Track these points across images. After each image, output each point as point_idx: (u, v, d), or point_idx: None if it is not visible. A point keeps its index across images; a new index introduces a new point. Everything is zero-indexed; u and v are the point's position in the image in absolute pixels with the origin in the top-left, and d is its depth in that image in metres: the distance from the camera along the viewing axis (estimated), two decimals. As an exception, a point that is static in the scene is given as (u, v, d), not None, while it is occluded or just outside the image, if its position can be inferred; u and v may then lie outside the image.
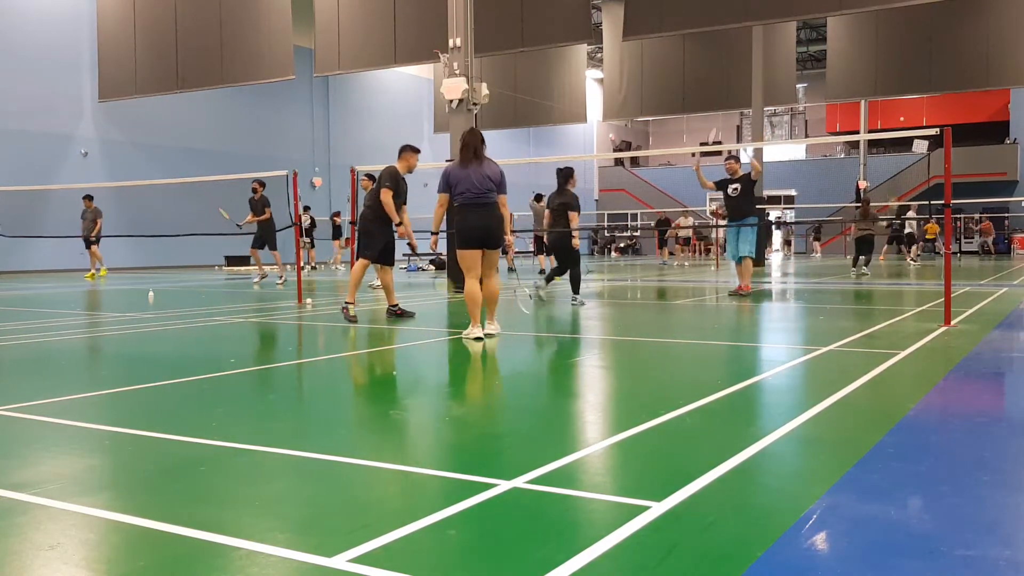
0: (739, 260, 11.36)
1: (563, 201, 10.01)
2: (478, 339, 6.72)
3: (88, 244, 18.13)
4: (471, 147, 6.79)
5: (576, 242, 10.05)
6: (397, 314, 8.59)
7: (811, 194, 38.93)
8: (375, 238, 8.43)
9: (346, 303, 8.37)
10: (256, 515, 2.57)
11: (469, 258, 6.78)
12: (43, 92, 22.36)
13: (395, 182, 8.31)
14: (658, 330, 7.94)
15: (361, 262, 8.50)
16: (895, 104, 39.62)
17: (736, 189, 11.23)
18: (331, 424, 3.95)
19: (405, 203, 8.56)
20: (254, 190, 14.93)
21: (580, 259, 10.40)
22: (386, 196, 8.21)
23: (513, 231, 7.51)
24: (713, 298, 11.73)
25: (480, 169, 6.73)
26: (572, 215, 9.97)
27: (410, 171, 8.48)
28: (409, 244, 8.63)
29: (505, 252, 7.13)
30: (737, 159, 11.57)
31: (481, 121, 14.55)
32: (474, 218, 6.72)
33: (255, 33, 18.36)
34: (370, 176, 11.91)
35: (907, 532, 2.36)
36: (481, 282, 6.85)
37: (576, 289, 10.07)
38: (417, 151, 8.58)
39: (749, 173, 11.33)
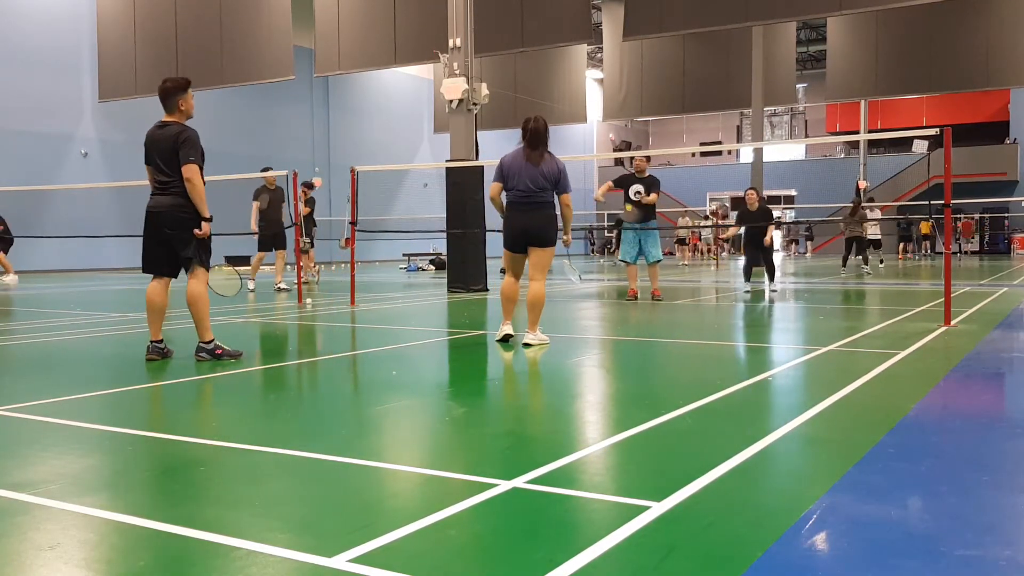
0: (633, 262, 10.76)
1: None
2: (506, 337, 6.49)
3: None
4: (538, 139, 6.29)
5: (768, 239, 11.48)
6: (217, 355, 5.79)
7: (811, 194, 38.92)
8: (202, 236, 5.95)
9: (210, 343, 5.81)
10: (256, 515, 2.56)
11: (507, 258, 6.56)
12: (43, 92, 22.36)
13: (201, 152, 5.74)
14: (658, 330, 7.93)
15: (206, 276, 6.04)
16: (895, 104, 39.61)
17: (639, 193, 10.40)
18: (331, 424, 3.94)
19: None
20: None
21: (758, 254, 11.70)
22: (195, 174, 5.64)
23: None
24: (713, 298, 11.73)
25: (538, 167, 6.29)
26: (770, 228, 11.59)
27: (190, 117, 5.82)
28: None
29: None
30: (647, 156, 10.77)
31: (481, 121, 14.56)
32: (518, 218, 6.39)
33: (255, 33, 18.37)
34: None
35: (907, 532, 2.36)
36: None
37: (771, 278, 11.83)
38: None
39: (651, 177, 10.56)
